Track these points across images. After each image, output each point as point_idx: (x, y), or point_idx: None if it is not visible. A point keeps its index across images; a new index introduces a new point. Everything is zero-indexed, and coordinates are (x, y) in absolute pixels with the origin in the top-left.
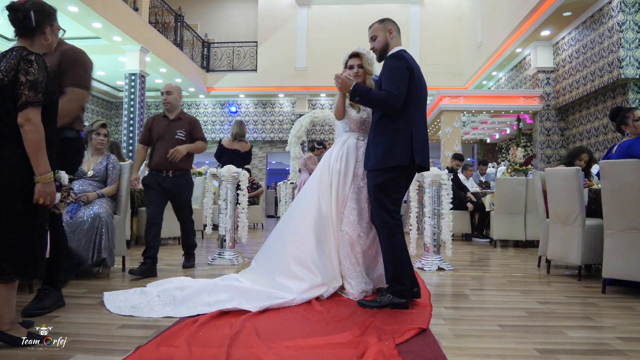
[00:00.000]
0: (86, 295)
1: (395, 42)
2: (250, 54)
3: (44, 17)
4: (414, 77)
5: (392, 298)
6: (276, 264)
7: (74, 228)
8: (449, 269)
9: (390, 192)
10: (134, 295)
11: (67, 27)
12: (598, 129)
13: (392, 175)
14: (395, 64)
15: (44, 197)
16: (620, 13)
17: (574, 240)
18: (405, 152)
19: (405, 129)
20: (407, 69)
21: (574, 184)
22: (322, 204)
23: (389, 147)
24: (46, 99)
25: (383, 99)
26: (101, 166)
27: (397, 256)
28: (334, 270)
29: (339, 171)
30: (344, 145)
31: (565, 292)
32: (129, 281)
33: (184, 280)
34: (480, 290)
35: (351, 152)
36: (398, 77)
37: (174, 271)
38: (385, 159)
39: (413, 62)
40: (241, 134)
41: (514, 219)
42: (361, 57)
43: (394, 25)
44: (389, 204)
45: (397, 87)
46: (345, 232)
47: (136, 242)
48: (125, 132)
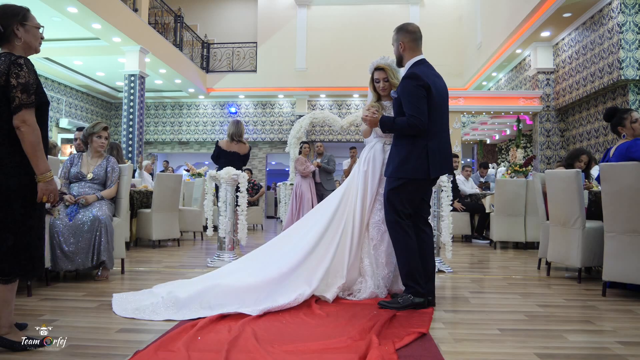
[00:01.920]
0: (85, 298)
1: (409, 55)
2: (250, 54)
3: (9, 19)
4: (431, 92)
5: (412, 298)
6: (281, 260)
7: (73, 231)
8: (448, 271)
9: (402, 196)
10: (142, 296)
11: (67, 28)
12: (598, 130)
13: (407, 184)
14: (410, 86)
15: (47, 194)
16: (620, 14)
17: (574, 242)
18: (420, 164)
19: (422, 140)
20: (423, 87)
21: (573, 186)
22: (343, 204)
23: (405, 158)
24: (37, 101)
25: (408, 126)
26: (101, 169)
27: (409, 256)
28: (342, 268)
29: (366, 172)
30: (371, 149)
31: (565, 294)
32: (128, 283)
33: (189, 280)
34: (480, 293)
35: (378, 155)
36: (415, 99)
37: (173, 274)
38: (400, 169)
39: (428, 75)
40: (238, 134)
41: (513, 221)
42: (386, 71)
43: (407, 36)
44: (399, 205)
45: (417, 108)
46: (370, 232)
47: (135, 243)
48: (125, 132)
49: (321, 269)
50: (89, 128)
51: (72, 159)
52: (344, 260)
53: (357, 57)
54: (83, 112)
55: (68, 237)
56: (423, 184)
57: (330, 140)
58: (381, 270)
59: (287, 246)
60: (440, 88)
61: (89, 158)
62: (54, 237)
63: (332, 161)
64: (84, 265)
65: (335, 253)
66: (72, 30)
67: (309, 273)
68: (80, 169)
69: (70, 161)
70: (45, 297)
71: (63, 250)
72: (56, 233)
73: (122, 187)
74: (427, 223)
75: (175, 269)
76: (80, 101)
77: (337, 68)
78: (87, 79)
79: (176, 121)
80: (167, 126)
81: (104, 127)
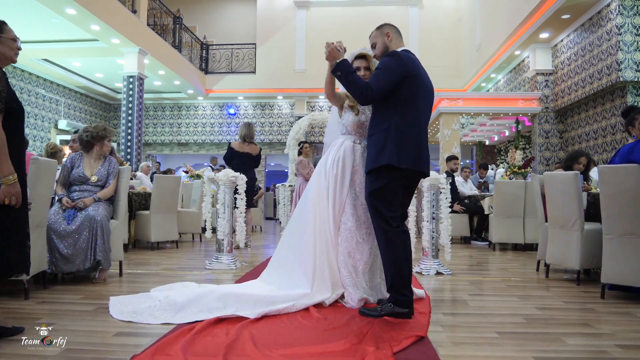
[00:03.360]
0: (82, 301)
1: (395, 44)
2: (249, 55)
3: None
4: (410, 77)
5: (393, 307)
6: (279, 270)
7: (71, 234)
8: (447, 273)
9: (384, 197)
10: (140, 299)
11: (64, 30)
12: (597, 132)
13: (386, 180)
14: (388, 61)
15: (9, 197)
16: (619, 16)
17: (573, 244)
18: (396, 151)
19: (397, 128)
20: (399, 67)
21: (572, 188)
22: (320, 212)
23: (382, 146)
24: (8, 107)
25: (359, 87)
26: (103, 170)
27: (396, 265)
28: (336, 277)
29: (335, 176)
30: (340, 148)
31: (563, 297)
32: (126, 286)
33: (188, 285)
34: (479, 295)
35: (347, 155)
36: (384, 73)
37: (171, 276)
38: (377, 159)
39: (412, 63)
40: (250, 136)
41: (512, 222)
42: (368, 59)
43: (392, 28)
44: (384, 209)
45: (378, 82)
46: (342, 239)
47: (134, 245)
48: (124, 134)
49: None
50: (101, 131)
51: (72, 160)
52: (336, 273)
53: None
54: (82, 114)
55: (66, 239)
56: (404, 176)
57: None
58: (361, 278)
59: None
60: (426, 79)
61: (91, 160)
62: (52, 241)
63: None
64: (84, 266)
65: (324, 265)
66: (70, 31)
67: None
68: (84, 171)
69: (70, 162)
70: (43, 300)
71: (62, 253)
72: (54, 237)
73: (120, 189)
74: (404, 220)
75: (174, 271)
76: (79, 102)
77: None
78: (86, 80)
79: (175, 122)
80: (166, 127)
81: (113, 130)
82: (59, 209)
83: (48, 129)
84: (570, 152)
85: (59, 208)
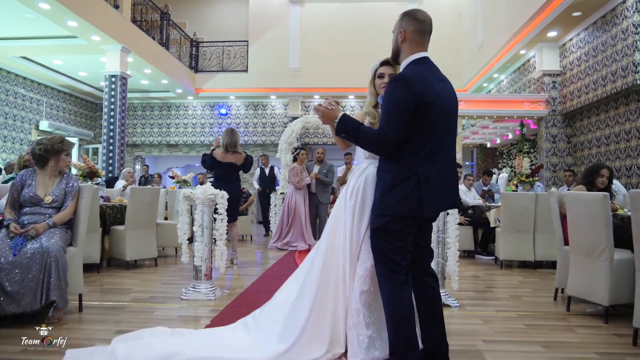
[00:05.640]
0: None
1: (409, 49)
2: (241, 53)
3: None
4: (428, 105)
5: None
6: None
7: (18, 267)
8: (455, 305)
9: (390, 239)
10: (98, 355)
11: (40, 26)
12: (609, 137)
13: (392, 223)
14: (393, 91)
15: None
16: (636, 13)
17: (600, 276)
18: (408, 197)
19: (410, 167)
20: (410, 95)
21: (600, 212)
22: (331, 252)
23: (389, 187)
24: None
25: (373, 141)
26: (60, 189)
27: (398, 318)
28: (338, 332)
29: (353, 207)
30: (361, 175)
31: (594, 344)
32: (85, 328)
33: (158, 333)
34: (495, 342)
35: (369, 184)
36: (394, 112)
37: (141, 311)
38: (382, 202)
39: (427, 81)
40: (232, 144)
41: (522, 238)
42: (394, 68)
43: (412, 24)
44: (389, 252)
45: (390, 126)
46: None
47: (108, 263)
48: (105, 137)
49: None
50: (57, 144)
51: (22, 178)
52: (339, 326)
53: (353, 56)
54: (65, 114)
55: (12, 274)
56: (413, 224)
57: (325, 144)
58: (378, 329)
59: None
60: (444, 98)
61: (45, 177)
62: None
63: (331, 172)
64: (32, 307)
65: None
66: (47, 27)
67: None
68: (36, 191)
69: (20, 181)
70: None
71: (5, 290)
72: None
73: (80, 210)
74: (429, 272)
75: (144, 302)
76: (63, 102)
77: (332, 68)
78: (69, 79)
79: (164, 123)
80: (155, 128)
81: (72, 143)
82: (5, 237)
83: (28, 131)
84: (590, 166)
85: (4, 235)
